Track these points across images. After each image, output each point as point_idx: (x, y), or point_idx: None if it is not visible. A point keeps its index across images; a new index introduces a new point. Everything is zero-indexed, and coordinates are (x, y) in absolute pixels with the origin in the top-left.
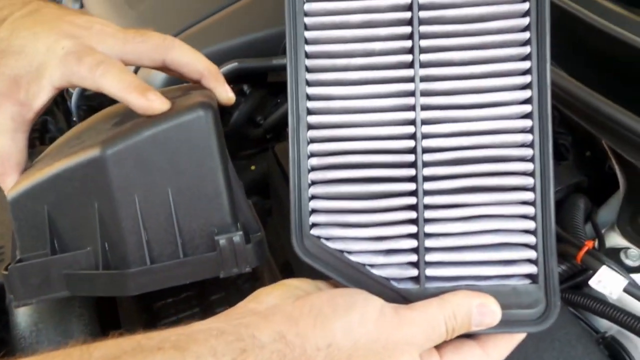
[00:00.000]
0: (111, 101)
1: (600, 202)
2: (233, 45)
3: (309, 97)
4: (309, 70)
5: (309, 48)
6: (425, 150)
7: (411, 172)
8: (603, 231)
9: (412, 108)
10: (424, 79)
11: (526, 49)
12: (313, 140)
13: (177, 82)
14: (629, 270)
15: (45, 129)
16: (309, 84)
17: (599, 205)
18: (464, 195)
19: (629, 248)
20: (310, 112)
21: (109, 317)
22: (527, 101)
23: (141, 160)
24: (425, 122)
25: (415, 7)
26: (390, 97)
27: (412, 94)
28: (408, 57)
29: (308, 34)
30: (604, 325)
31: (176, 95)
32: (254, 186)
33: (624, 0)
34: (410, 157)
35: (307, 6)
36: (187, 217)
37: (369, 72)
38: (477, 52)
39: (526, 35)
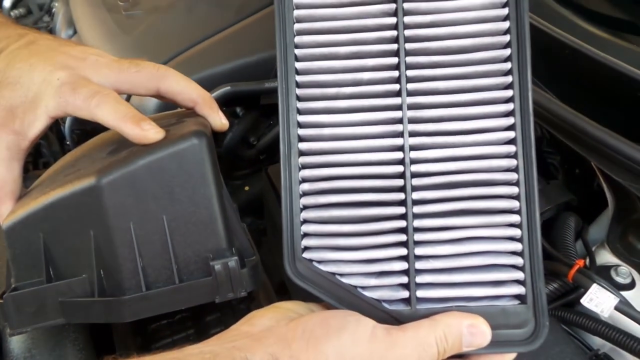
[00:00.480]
0: (105, 126)
1: (590, 219)
2: (226, 69)
3: (300, 125)
4: (299, 99)
5: (299, 78)
6: (414, 175)
7: (400, 196)
8: (593, 249)
9: (400, 135)
10: (411, 107)
11: (508, 79)
12: (304, 167)
13: (170, 108)
14: (619, 287)
15: (38, 154)
16: (299, 112)
17: (589, 223)
18: (453, 218)
19: (619, 265)
20: (301, 139)
21: (103, 340)
22: (510, 128)
23: (136, 189)
24: (413, 147)
25: (401, 40)
26: (379, 125)
27: (400, 121)
28: (395, 86)
29: (299, 65)
30: (597, 342)
31: (170, 123)
32: (248, 207)
33: (608, 25)
34: (399, 182)
35: (298, 39)
36: (182, 243)
37: (358, 101)
38: (462, 81)
39: (508, 65)
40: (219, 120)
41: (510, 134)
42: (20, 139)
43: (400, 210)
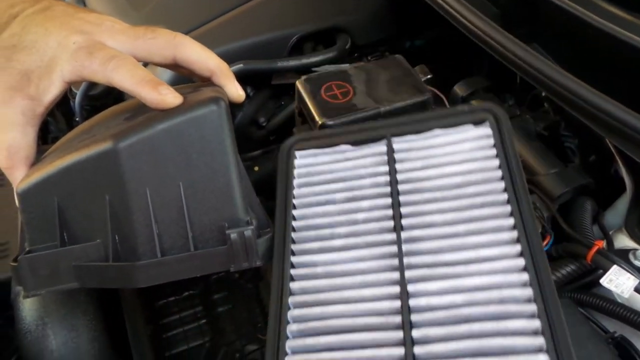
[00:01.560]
0: (115, 101)
1: (606, 205)
2: (238, 47)
3: (293, 265)
4: (294, 242)
5: (296, 224)
6: (414, 310)
7: (398, 334)
8: (610, 233)
9: (396, 268)
10: (407, 241)
11: (507, 208)
12: (295, 306)
13: (183, 81)
14: (638, 270)
15: (47, 130)
16: (293, 253)
17: (604, 209)
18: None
19: (637, 249)
20: (292, 278)
21: (112, 314)
22: (520, 254)
23: (154, 154)
24: (410, 280)
25: (394, 183)
26: (374, 260)
27: (395, 255)
28: (390, 223)
29: (296, 212)
30: (613, 324)
31: (187, 92)
32: (258, 187)
33: (631, 7)
34: (396, 318)
35: (297, 191)
36: (198, 210)
37: (353, 239)
38: (458, 213)
39: (505, 196)
40: (236, 91)
41: (520, 262)
42: (36, 104)
43: (399, 351)
